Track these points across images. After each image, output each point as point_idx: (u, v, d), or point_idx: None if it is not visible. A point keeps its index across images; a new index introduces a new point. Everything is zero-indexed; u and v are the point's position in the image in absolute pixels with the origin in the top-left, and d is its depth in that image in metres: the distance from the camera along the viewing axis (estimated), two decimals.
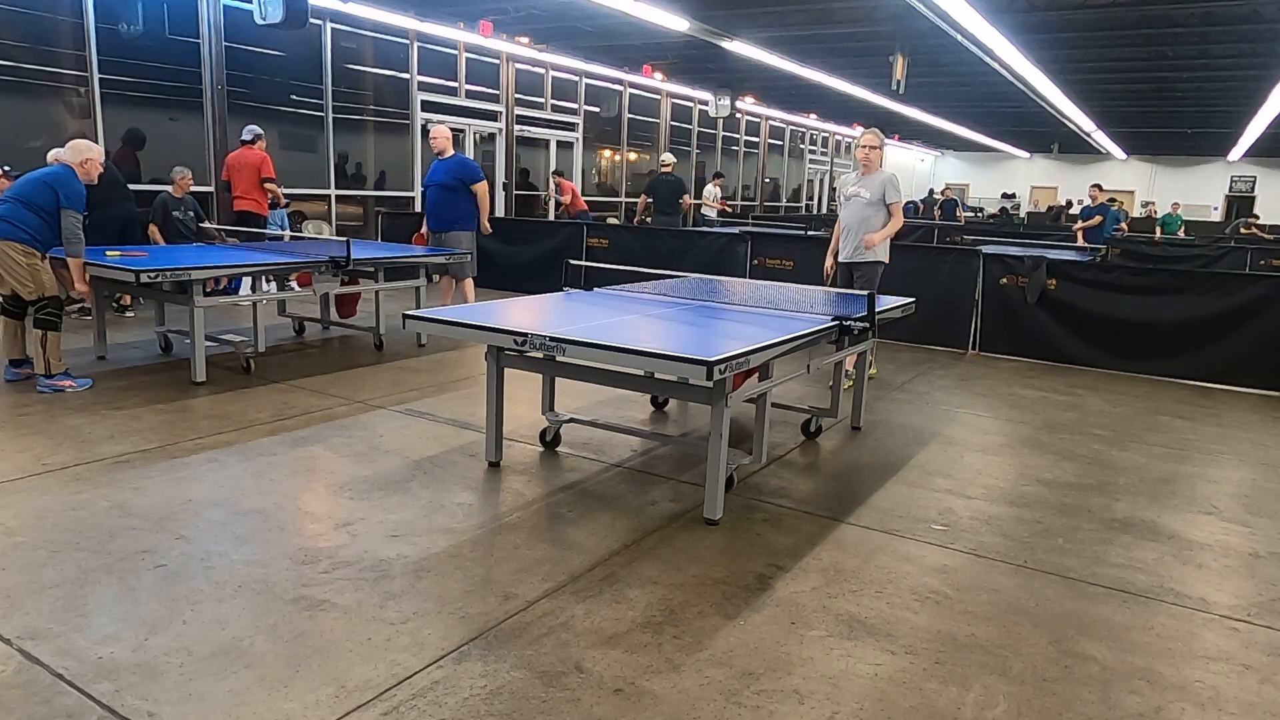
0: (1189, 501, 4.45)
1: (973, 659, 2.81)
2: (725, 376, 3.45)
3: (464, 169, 7.72)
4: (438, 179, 7.69)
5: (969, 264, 8.37)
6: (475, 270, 7.91)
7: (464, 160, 7.88)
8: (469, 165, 7.85)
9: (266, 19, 8.77)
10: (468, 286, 7.84)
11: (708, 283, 5.96)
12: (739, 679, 2.63)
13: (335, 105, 11.91)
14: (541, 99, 15.85)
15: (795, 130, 25.22)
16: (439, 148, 7.72)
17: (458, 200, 7.63)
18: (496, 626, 2.87)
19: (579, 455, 4.72)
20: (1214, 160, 28.87)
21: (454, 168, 7.67)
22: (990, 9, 9.47)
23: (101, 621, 2.79)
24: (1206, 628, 3.11)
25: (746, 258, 9.54)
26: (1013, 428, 5.74)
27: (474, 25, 12.44)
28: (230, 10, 9.97)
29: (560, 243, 10.57)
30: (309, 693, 2.47)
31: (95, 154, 5.72)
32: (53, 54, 9.23)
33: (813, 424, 5.28)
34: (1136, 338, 7.56)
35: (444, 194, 7.65)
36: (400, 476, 4.25)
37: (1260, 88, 14.40)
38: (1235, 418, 6.27)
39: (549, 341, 3.69)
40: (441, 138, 7.75)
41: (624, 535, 3.67)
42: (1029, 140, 28.01)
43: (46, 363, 5.47)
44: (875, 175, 6.23)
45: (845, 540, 3.73)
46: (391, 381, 6.17)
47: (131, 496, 3.82)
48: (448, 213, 7.66)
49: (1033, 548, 3.75)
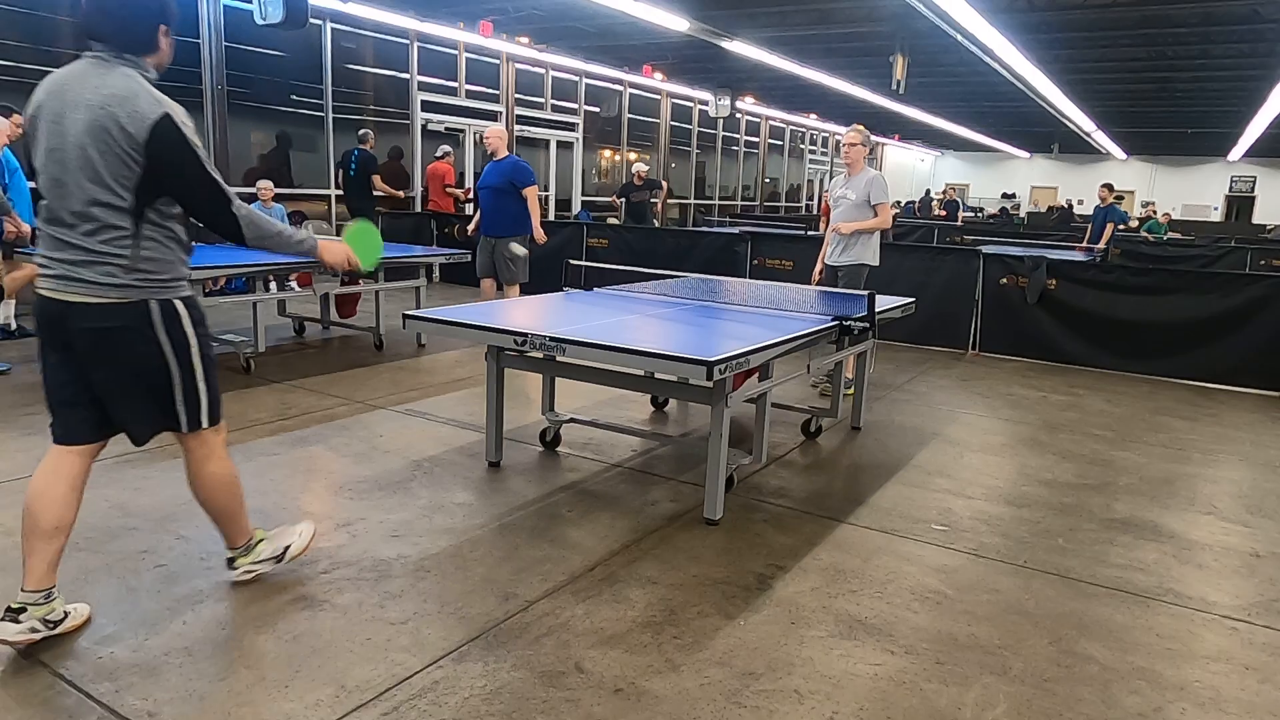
0: (1189, 501, 4.45)
1: (973, 659, 2.81)
2: (725, 376, 3.45)
3: (516, 171, 7.27)
4: (490, 182, 7.31)
5: (969, 264, 8.37)
6: (527, 276, 7.47)
7: (517, 162, 7.41)
8: (521, 168, 7.35)
9: (266, 19, 8.77)
10: (513, 293, 7.41)
11: (708, 283, 5.96)
12: (739, 679, 2.63)
13: (335, 105, 11.91)
14: (541, 99, 15.85)
15: (795, 130, 25.23)
16: (492, 148, 7.37)
17: (508, 204, 7.25)
18: (496, 626, 2.87)
19: (579, 455, 4.72)
20: (1214, 160, 28.88)
21: (507, 170, 7.26)
22: (990, 9, 9.47)
23: (101, 621, 2.79)
24: (1206, 628, 3.11)
25: (746, 258, 9.55)
26: (1013, 428, 5.74)
27: (474, 25, 12.44)
28: (230, 10, 9.97)
29: (560, 243, 10.56)
30: (309, 693, 2.47)
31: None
32: (53, 54, 9.23)
33: (813, 424, 5.28)
34: (1136, 338, 7.56)
35: (496, 197, 7.28)
36: (400, 476, 4.25)
37: (1260, 88, 14.40)
38: (1235, 418, 6.27)
39: (549, 341, 3.69)
40: (495, 138, 7.38)
41: (624, 535, 3.67)
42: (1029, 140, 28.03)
43: None
44: (860, 176, 6.09)
45: (845, 540, 3.73)
46: (391, 381, 6.17)
47: (131, 496, 3.82)
48: (500, 218, 7.30)
49: (1033, 548, 3.75)
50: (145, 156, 2.42)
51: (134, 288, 2.49)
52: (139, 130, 2.40)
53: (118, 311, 2.48)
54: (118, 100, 2.40)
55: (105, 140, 2.40)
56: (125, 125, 2.39)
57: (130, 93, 2.42)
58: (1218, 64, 13.51)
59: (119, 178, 2.42)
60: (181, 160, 2.47)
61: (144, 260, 2.49)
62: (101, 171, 2.41)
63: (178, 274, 2.59)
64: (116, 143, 2.40)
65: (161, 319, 2.54)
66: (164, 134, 2.42)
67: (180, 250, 2.61)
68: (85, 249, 2.46)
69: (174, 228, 2.58)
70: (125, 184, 2.43)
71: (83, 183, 2.42)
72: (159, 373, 2.59)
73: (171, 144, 2.44)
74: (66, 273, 2.47)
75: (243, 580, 3.08)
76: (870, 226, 6.02)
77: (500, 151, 7.39)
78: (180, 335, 2.58)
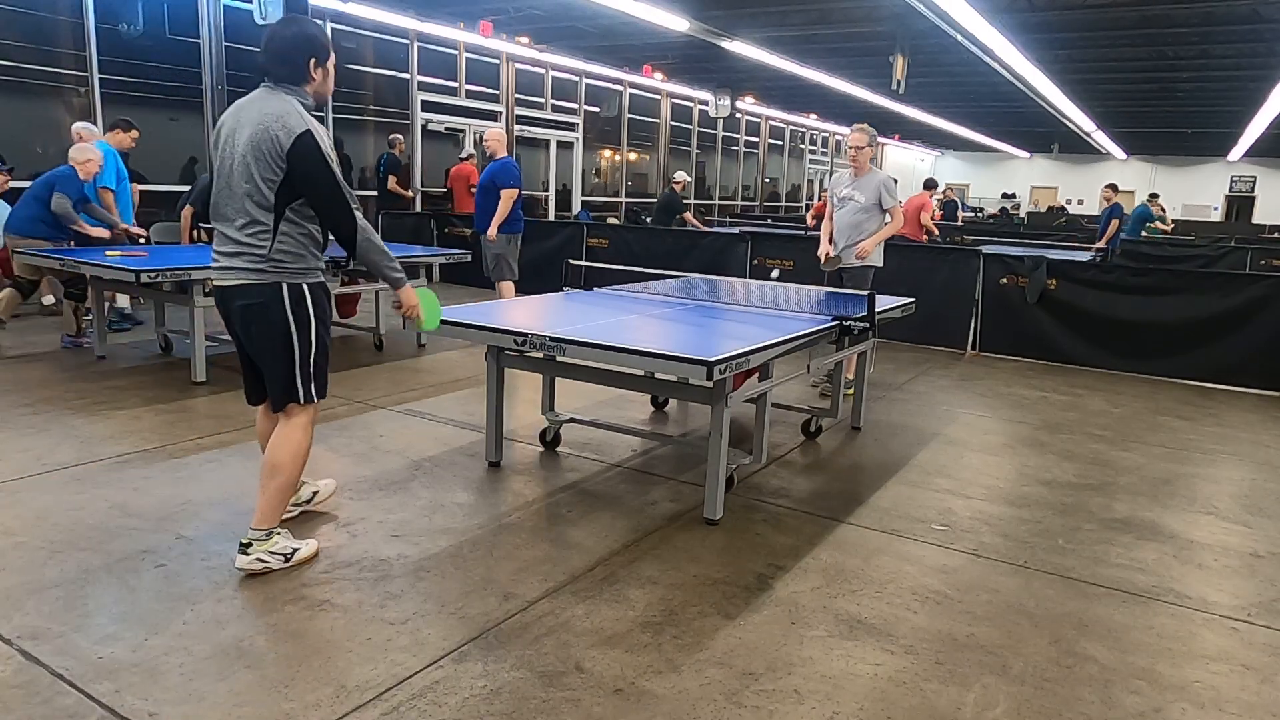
0: (1189, 501, 4.45)
1: (973, 659, 2.81)
2: (725, 376, 3.45)
3: (500, 172, 7.64)
4: (482, 181, 7.75)
5: (969, 264, 8.37)
6: (514, 274, 7.80)
7: (505, 163, 7.73)
8: (506, 169, 7.69)
9: (266, 19, 8.77)
10: (503, 290, 7.74)
11: (708, 283, 5.96)
12: (739, 679, 2.63)
13: (335, 105, 11.92)
14: (541, 99, 15.85)
15: (795, 130, 25.24)
16: (490, 150, 7.75)
17: (493, 203, 7.57)
18: (496, 626, 2.87)
19: (579, 455, 4.72)
20: (1214, 160, 28.88)
21: (494, 170, 7.66)
22: (990, 9, 9.47)
23: (101, 621, 2.79)
24: (1206, 628, 3.11)
25: (746, 258, 9.55)
26: (1013, 428, 5.74)
27: (474, 25, 12.44)
28: (230, 10, 9.97)
29: (560, 243, 10.58)
30: (309, 693, 2.47)
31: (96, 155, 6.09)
32: (53, 54, 9.23)
33: (813, 424, 5.28)
34: (1136, 338, 7.56)
35: (484, 196, 7.68)
36: (400, 476, 4.25)
37: (1260, 88, 14.40)
38: (1235, 418, 6.27)
39: (549, 341, 3.68)
40: (493, 140, 7.77)
41: (624, 535, 3.67)
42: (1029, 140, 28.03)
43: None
44: (869, 177, 6.00)
45: (845, 540, 3.73)
46: (391, 381, 6.17)
47: (131, 496, 3.82)
48: (486, 217, 7.65)
49: (1033, 548, 3.75)
50: (287, 163, 2.93)
51: (269, 272, 3.02)
52: (286, 140, 2.92)
53: (257, 290, 3.03)
54: (274, 117, 2.94)
55: (261, 148, 2.93)
56: (277, 136, 2.92)
57: (284, 112, 2.96)
58: (1218, 64, 13.50)
59: (266, 180, 2.94)
60: (316, 170, 2.97)
61: (278, 252, 3.01)
62: (255, 174, 2.94)
63: (308, 264, 3.09)
64: (269, 150, 2.92)
65: (289, 298, 3.04)
66: (304, 146, 2.93)
67: (313, 245, 3.10)
68: (236, 241, 3.01)
69: (310, 228, 3.07)
70: (270, 186, 2.95)
71: (241, 184, 2.97)
72: (287, 343, 3.09)
73: (309, 154, 2.94)
74: (224, 263, 3.05)
75: (252, 571, 3.11)
76: (888, 235, 5.98)
77: (499, 153, 7.75)
78: (304, 314, 3.09)
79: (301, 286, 3.08)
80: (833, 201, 6.25)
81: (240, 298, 3.07)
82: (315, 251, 3.11)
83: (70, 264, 6.03)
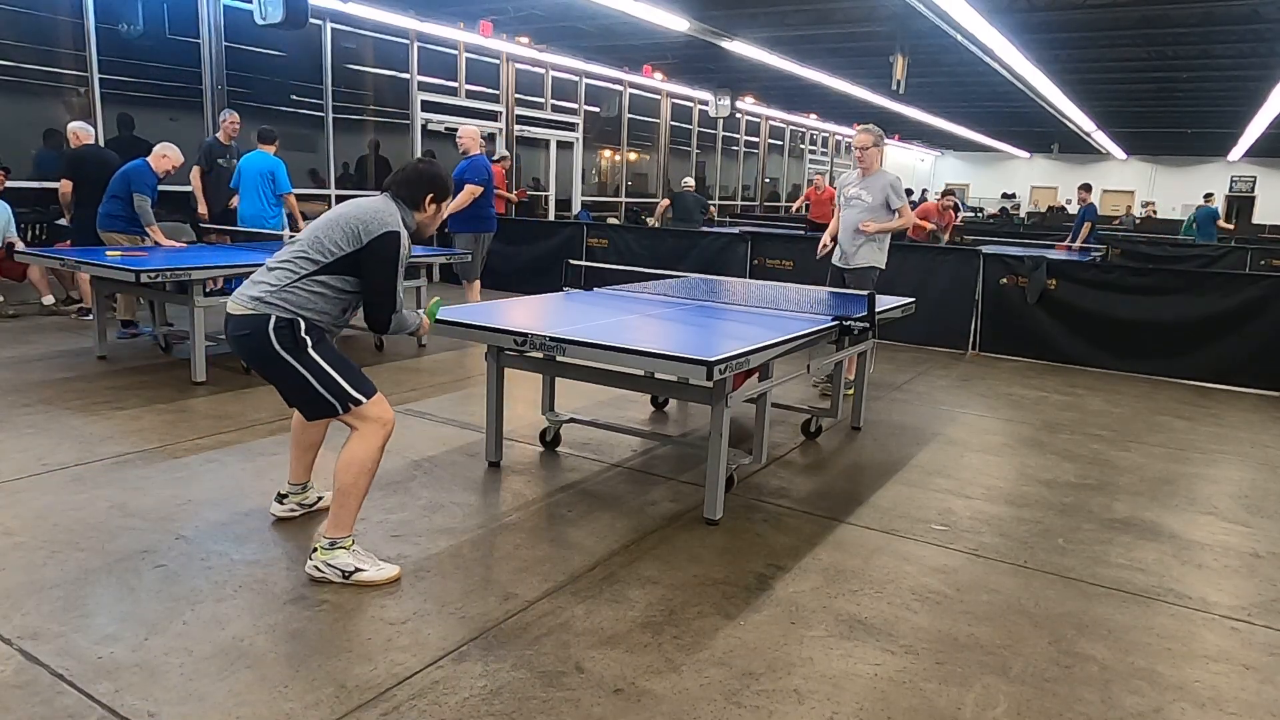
0: (1189, 501, 4.45)
1: (973, 659, 2.81)
2: (725, 376, 3.45)
3: (469, 169, 7.64)
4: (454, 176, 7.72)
5: (969, 264, 8.37)
6: (477, 272, 7.85)
7: (472, 161, 7.74)
8: (470, 165, 7.71)
9: (266, 19, 8.76)
10: (469, 289, 7.80)
11: (708, 283, 5.96)
12: (739, 679, 2.63)
13: (335, 105, 11.91)
14: (541, 99, 15.84)
15: (795, 130, 25.23)
16: (463, 146, 7.73)
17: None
18: (496, 626, 2.87)
19: (579, 455, 4.72)
20: (1214, 160, 28.86)
21: (464, 167, 7.64)
22: (990, 9, 9.47)
23: (101, 621, 2.79)
24: (1206, 628, 3.11)
25: (746, 258, 9.55)
26: (1013, 428, 5.74)
27: (474, 25, 12.44)
28: (230, 10, 9.97)
29: (560, 243, 10.58)
30: (309, 693, 2.47)
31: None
32: (53, 54, 9.23)
33: (813, 424, 5.27)
34: (1136, 338, 7.56)
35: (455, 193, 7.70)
36: (400, 476, 4.25)
37: (1260, 88, 14.39)
38: (1235, 418, 6.27)
39: (549, 341, 3.68)
40: (466, 138, 7.75)
41: (624, 535, 3.67)
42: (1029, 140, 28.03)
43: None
44: (876, 178, 6.01)
45: (845, 540, 3.73)
46: (391, 381, 6.16)
47: (131, 496, 3.82)
48: (454, 215, 7.63)
49: (1033, 548, 3.75)
50: (366, 245, 3.08)
51: (267, 303, 3.05)
52: (377, 229, 3.10)
53: (250, 321, 3.06)
54: (373, 211, 3.15)
55: (350, 225, 3.09)
56: (369, 223, 3.10)
57: (386, 210, 3.18)
58: (1218, 64, 13.50)
59: (335, 242, 3.08)
60: (384, 265, 3.13)
61: (289, 291, 3.08)
62: (322, 238, 3.09)
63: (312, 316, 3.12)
64: (352, 228, 3.09)
65: (273, 328, 3.04)
66: (387, 242, 3.11)
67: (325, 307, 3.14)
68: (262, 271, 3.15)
69: (336, 299, 3.15)
70: (335, 249, 3.08)
71: (307, 234, 3.16)
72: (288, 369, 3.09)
73: (386, 249, 3.11)
74: (240, 290, 3.16)
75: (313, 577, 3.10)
76: (895, 227, 6.01)
77: (471, 150, 7.74)
78: (289, 341, 3.06)
79: (294, 320, 3.06)
80: (840, 200, 6.28)
81: (235, 328, 3.11)
82: (326, 311, 3.14)
83: (70, 264, 6.03)
